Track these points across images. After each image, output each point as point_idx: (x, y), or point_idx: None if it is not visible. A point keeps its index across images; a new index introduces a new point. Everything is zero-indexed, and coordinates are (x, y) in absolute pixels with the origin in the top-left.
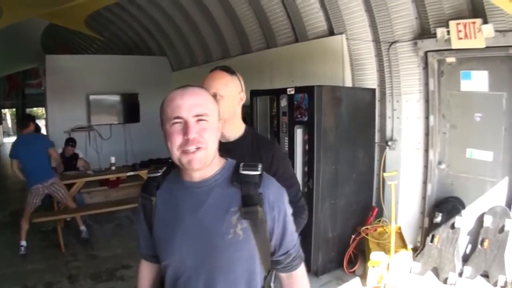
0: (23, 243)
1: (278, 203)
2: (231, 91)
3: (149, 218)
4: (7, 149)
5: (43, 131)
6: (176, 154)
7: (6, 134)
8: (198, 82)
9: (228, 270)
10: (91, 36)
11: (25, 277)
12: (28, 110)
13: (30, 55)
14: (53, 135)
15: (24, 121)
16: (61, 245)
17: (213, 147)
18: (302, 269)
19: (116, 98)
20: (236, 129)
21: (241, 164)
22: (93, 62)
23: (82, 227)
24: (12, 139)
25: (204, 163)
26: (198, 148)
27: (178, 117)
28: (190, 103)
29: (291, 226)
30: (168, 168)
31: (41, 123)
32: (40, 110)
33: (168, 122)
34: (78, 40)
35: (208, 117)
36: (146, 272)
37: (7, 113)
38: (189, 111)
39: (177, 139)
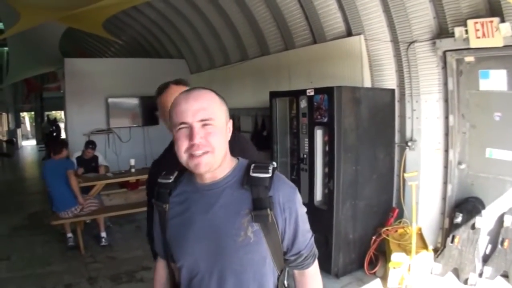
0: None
1: (289, 204)
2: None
3: (163, 222)
4: (25, 152)
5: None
6: (183, 158)
7: (25, 137)
8: (217, 84)
9: (240, 271)
10: (109, 39)
11: (44, 278)
12: (46, 113)
13: (49, 59)
14: (72, 138)
15: (57, 147)
16: (81, 247)
17: (221, 150)
18: (315, 267)
19: (135, 101)
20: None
21: (252, 166)
22: (111, 65)
23: (103, 233)
24: (31, 142)
25: (211, 166)
26: (205, 152)
27: (183, 123)
28: (194, 108)
29: (304, 226)
30: (180, 172)
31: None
32: (58, 114)
33: (174, 127)
34: (96, 44)
35: (214, 121)
36: (162, 269)
37: (26, 116)
38: (194, 116)
39: (183, 144)
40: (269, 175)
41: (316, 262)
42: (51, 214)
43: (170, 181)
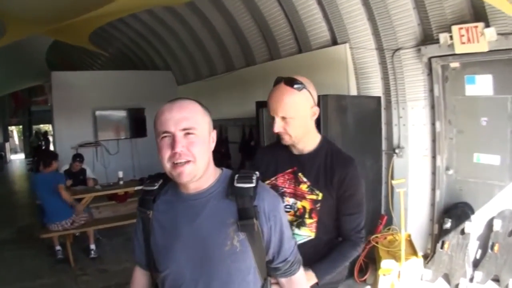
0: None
1: (274, 213)
2: (300, 110)
3: (146, 230)
4: (14, 165)
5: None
6: (167, 167)
7: (13, 151)
8: (204, 95)
9: (226, 280)
10: (96, 52)
11: None
12: (35, 127)
13: (35, 72)
14: (60, 151)
15: (47, 159)
16: (70, 260)
17: (203, 160)
18: (301, 272)
19: (122, 113)
20: (310, 142)
21: (236, 176)
22: (98, 78)
23: (92, 246)
24: (19, 156)
25: (194, 176)
26: (186, 162)
27: (166, 132)
28: (177, 117)
29: (288, 233)
30: (164, 180)
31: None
32: (47, 127)
33: (158, 136)
34: (83, 57)
35: (196, 130)
36: (140, 278)
37: (14, 130)
38: (176, 125)
39: (166, 153)
40: (253, 184)
41: (301, 268)
42: (40, 228)
43: (155, 188)
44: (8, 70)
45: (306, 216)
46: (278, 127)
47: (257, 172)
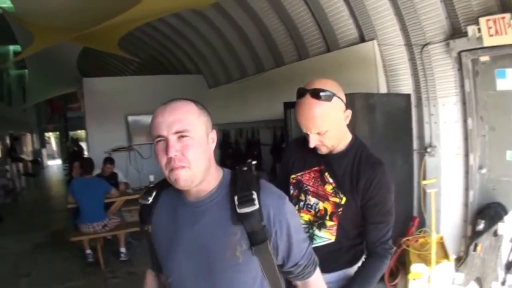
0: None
1: (279, 217)
2: (333, 120)
3: (150, 242)
4: (51, 171)
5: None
6: (165, 173)
7: (51, 157)
8: (235, 98)
9: None
10: (128, 58)
11: None
12: (71, 133)
13: (68, 79)
14: (93, 156)
15: (87, 168)
16: (100, 263)
17: (201, 164)
18: (317, 275)
19: None
20: (342, 142)
21: (236, 199)
22: (130, 84)
23: (122, 249)
24: (57, 162)
25: (191, 182)
26: (181, 167)
27: (159, 136)
28: (169, 120)
29: (298, 237)
30: (160, 190)
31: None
32: (82, 133)
33: (153, 140)
34: (116, 63)
35: (190, 133)
36: (151, 281)
37: (51, 136)
38: (169, 128)
39: (163, 159)
40: (256, 207)
41: (318, 270)
42: (72, 230)
43: (148, 203)
44: (42, 78)
45: (327, 218)
46: (314, 142)
47: (254, 172)
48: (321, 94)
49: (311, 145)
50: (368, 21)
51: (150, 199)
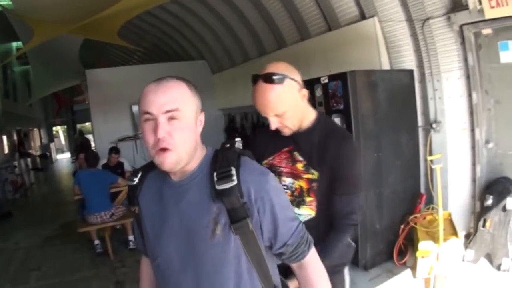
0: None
1: (260, 194)
2: (289, 101)
3: (138, 223)
4: (60, 165)
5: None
6: (152, 153)
7: (60, 151)
8: (239, 82)
9: (213, 272)
10: (129, 47)
11: (72, 285)
12: (78, 126)
13: (72, 72)
14: (100, 147)
15: (92, 161)
16: (109, 252)
17: (187, 147)
18: (312, 255)
19: None
20: (306, 120)
21: (215, 175)
22: (133, 73)
23: (131, 237)
24: (66, 155)
25: (176, 164)
26: (168, 149)
27: (148, 113)
28: (161, 100)
29: (284, 215)
30: (144, 172)
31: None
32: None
33: (141, 117)
34: (118, 53)
35: (180, 113)
36: (146, 267)
37: (60, 130)
38: (160, 108)
39: (150, 138)
40: (234, 183)
41: (312, 250)
42: (80, 222)
43: (135, 183)
44: (47, 72)
45: (305, 194)
46: (274, 124)
47: (237, 147)
48: (273, 77)
49: (272, 127)
50: None
51: (136, 180)
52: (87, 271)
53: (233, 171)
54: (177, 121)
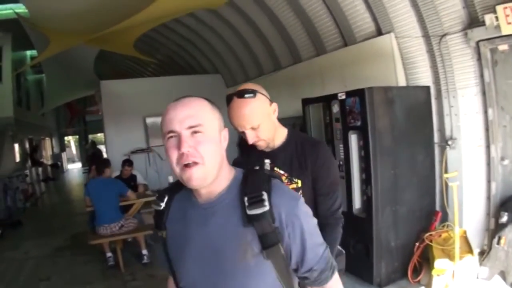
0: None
1: (291, 218)
2: (262, 113)
3: (165, 249)
4: (70, 175)
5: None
6: (176, 170)
7: (71, 160)
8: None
9: None
10: (144, 59)
11: None
12: (90, 136)
13: (86, 83)
14: (113, 159)
15: (99, 166)
16: (120, 266)
17: (214, 161)
18: (334, 281)
19: None
20: (279, 137)
21: (246, 200)
22: (147, 85)
23: (145, 251)
24: (77, 165)
25: (204, 179)
26: (195, 163)
27: (171, 131)
28: (182, 115)
29: (312, 240)
30: (171, 195)
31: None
32: (103, 136)
33: (164, 137)
34: (133, 65)
35: (203, 127)
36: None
37: (71, 140)
38: (182, 124)
39: (173, 154)
40: (267, 208)
41: (336, 275)
42: (90, 234)
43: (161, 208)
44: (61, 82)
45: None
46: (252, 138)
47: (266, 171)
48: (245, 93)
49: (250, 141)
50: (385, 13)
51: (163, 205)
52: (98, 284)
53: (265, 196)
54: (200, 135)
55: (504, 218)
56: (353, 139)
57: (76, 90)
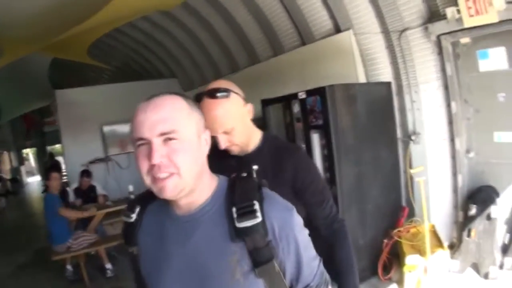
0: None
1: (285, 231)
2: (236, 116)
3: (136, 267)
4: (30, 188)
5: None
6: (146, 181)
7: (30, 174)
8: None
9: None
10: (99, 66)
11: None
12: (49, 148)
13: (41, 93)
14: (71, 170)
15: (47, 172)
16: (85, 280)
17: (192, 170)
18: None
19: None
20: (252, 140)
21: (234, 211)
22: (103, 92)
23: (108, 265)
24: (36, 178)
25: (180, 191)
26: (169, 175)
27: (140, 138)
28: (153, 119)
29: (307, 254)
30: (143, 205)
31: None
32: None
33: (133, 143)
34: (88, 72)
35: (178, 134)
36: None
37: (30, 152)
38: (152, 130)
39: (144, 165)
40: (259, 220)
41: None
42: (51, 249)
43: (132, 220)
44: (14, 93)
45: None
46: (224, 143)
47: (254, 179)
48: (217, 94)
49: (222, 146)
50: (343, 10)
51: (134, 216)
52: None
53: (257, 206)
54: (175, 142)
55: (473, 211)
56: (315, 138)
57: (31, 100)
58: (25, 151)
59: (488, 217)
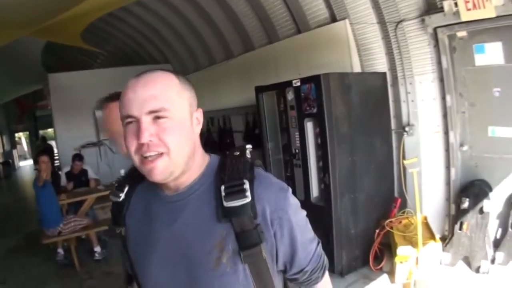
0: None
1: (278, 214)
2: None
3: (124, 246)
4: (23, 172)
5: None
6: (136, 161)
7: (23, 157)
8: (204, 85)
9: None
10: (92, 51)
11: None
12: (41, 132)
13: (34, 76)
14: (63, 154)
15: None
16: (75, 264)
17: (183, 150)
18: (325, 280)
19: None
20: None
21: (222, 189)
22: (96, 77)
23: (97, 248)
24: (29, 162)
25: (170, 173)
26: (158, 155)
27: (129, 116)
28: (143, 97)
29: (303, 237)
30: (132, 184)
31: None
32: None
33: (122, 121)
34: (81, 57)
35: (169, 112)
36: None
37: (22, 136)
38: (142, 107)
39: (132, 143)
40: (248, 200)
41: (326, 274)
42: (42, 233)
43: (120, 199)
44: (7, 76)
45: None
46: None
47: (248, 157)
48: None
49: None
50: (339, 0)
51: (122, 196)
52: (53, 284)
53: (246, 185)
54: (165, 120)
55: (466, 204)
56: (309, 126)
57: (25, 84)
58: (17, 134)
59: (481, 211)
